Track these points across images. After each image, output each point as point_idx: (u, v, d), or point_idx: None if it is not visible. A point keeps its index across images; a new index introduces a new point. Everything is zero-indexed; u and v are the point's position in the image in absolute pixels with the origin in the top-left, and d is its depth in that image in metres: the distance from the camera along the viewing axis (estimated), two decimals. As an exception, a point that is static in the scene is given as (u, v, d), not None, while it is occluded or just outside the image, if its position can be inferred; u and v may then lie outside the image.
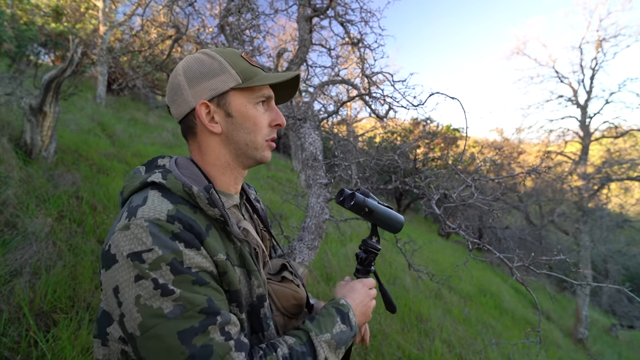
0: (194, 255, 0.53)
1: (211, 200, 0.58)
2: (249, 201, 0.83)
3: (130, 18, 8.34)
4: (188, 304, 0.51)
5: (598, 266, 11.26)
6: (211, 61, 0.65)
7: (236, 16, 2.18)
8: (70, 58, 3.35)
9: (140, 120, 8.40)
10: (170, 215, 0.54)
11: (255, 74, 0.67)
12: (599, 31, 9.45)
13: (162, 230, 0.53)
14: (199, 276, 0.53)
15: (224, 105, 0.65)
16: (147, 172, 0.66)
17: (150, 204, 0.56)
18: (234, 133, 0.67)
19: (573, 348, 6.72)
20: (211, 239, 0.57)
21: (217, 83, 0.64)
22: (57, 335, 1.60)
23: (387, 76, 2.43)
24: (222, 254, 0.58)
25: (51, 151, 3.54)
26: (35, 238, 2.19)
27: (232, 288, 0.59)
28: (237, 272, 0.61)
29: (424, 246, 7.67)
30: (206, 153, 0.68)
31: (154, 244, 0.51)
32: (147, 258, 0.50)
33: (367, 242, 0.80)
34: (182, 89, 0.65)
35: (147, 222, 0.53)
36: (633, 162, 8.18)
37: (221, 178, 0.70)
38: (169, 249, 0.51)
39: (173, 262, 0.51)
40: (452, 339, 3.63)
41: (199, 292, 0.53)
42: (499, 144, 13.46)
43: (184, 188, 0.59)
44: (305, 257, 2.28)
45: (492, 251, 1.45)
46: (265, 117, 0.69)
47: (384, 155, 2.21)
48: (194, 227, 0.55)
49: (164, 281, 0.50)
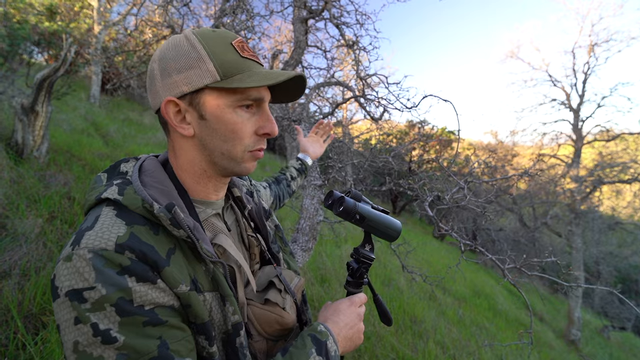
0: (147, 290, 0.46)
1: (174, 220, 0.50)
2: (239, 200, 0.72)
3: (125, 18, 8.29)
4: (134, 353, 0.43)
5: (590, 268, 11.39)
6: (188, 48, 0.53)
7: (231, 17, 2.18)
8: (63, 57, 3.32)
9: (135, 121, 8.34)
10: (120, 244, 0.46)
11: (243, 69, 0.54)
12: (591, 36, 9.60)
13: (107, 263, 0.45)
14: (154, 314, 0.46)
15: (196, 105, 0.54)
16: (109, 179, 0.57)
17: (98, 229, 0.47)
18: (208, 139, 0.56)
19: (565, 349, 6.77)
20: (172, 266, 0.49)
21: (189, 77, 0.53)
22: (45, 338, 1.58)
23: (382, 78, 2.44)
24: (184, 284, 0.50)
25: (43, 151, 3.50)
26: (25, 239, 2.16)
27: (198, 321, 0.51)
28: (207, 298, 0.53)
29: (419, 248, 7.70)
30: (179, 156, 0.59)
31: (97, 280, 0.43)
32: (89, 297, 0.43)
33: (359, 251, 0.71)
34: (155, 79, 0.56)
35: (90, 252, 0.45)
36: (624, 165, 8.30)
37: (196, 187, 0.60)
38: (115, 286, 0.44)
39: (119, 302, 0.44)
40: (446, 340, 3.64)
41: (151, 335, 0.45)
42: (493, 146, 13.58)
43: (144, 204, 0.50)
44: (299, 259, 2.27)
45: (484, 253, 1.46)
46: (250, 124, 0.57)
47: (378, 157, 2.21)
48: (149, 255, 0.47)
49: (107, 325, 0.43)
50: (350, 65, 3.35)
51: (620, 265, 12.35)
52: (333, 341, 0.62)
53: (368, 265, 0.72)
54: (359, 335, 0.70)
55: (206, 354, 0.52)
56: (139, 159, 0.61)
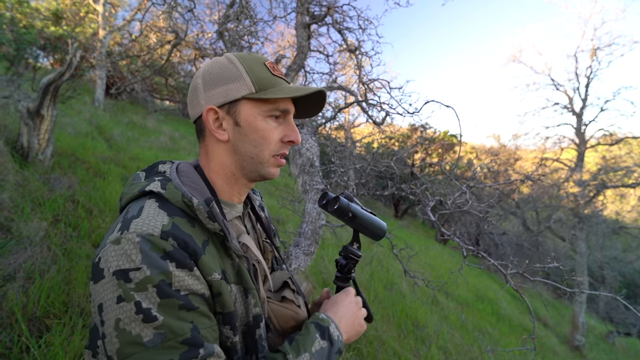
0: (184, 276, 0.51)
1: (211, 214, 0.56)
2: (253, 209, 0.80)
3: (129, 23, 8.38)
4: (170, 333, 0.48)
5: (594, 273, 11.29)
6: (230, 66, 0.63)
7: (235, 23, 2.20)
8: (69, 62, 3.36)
9: (139, 124, 8.41)
10: (165, 231, 0.52)
11: (274, 84, 0.63)
12: (593, 40, 9.59)
13: (153, 247, 0.50)
14: (188, 300, 0.50)
15: (233, 113, 0.62)
16: (147, 178, 0.64)
17: (145, 217, 0.53)
18: (240, 144, 0.63)
19: (570, 355, 6.70)
20: (207, 256, 0.55)
21: (229, 89, 0.62)
22: (49, 341, 1.59)
23: (384, 83, 2.45)
24: (217, 272, 0.55)
25: (48, 154, 3.53)
26: (29, 242, 2.17)
27: (225, 310, 0.56)
28: (234, 289, 0.59)
29: (422, 252, 7.67)
30: (212, 160, 0.66)
31: (142, 262, 0.48)
32: (134, 277, 0.48)
33: (347, 249, 0.77)
34: (198, 91, 0.64)
35: (139, 237, 0.50)
36: (628, 169, 8.25)
37: (225, 187, 0.67)
38: (158, 269, 0.48)
39: (161, 283, 0.48)
40: (449, 345, 3.61)
41: (185, 318, 0.50)
42: (496, 150, 13.54)
43: (184, 199, 0.56)
44: (302, 262, 2.27)
45: (486, 258, 1.46)
46: (278, 132, 0.65)
47: (380, 161, 2.22)
48: (189, 244, 0.53)
49: (148, 305, 0.47)
50: (352, 69, 3.37)
51: (624, 270, 12.22)
52: (335, 327, 0.66)
53: (355, 262, 0.78)
54: (360, 322, 0.74)
55: (230, 344, 0.57)
56: (174, 163, 0.69)
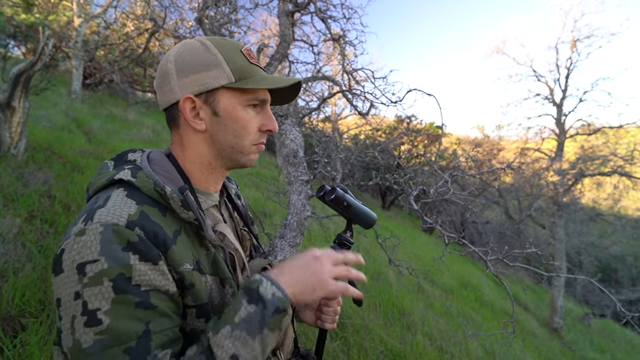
0: (147, 270, 0.47)
1: (185, 202, 0.54)
2: (230, 198, 0.79)
3: (106, 10, 8.04)
4: (113, 340, 0.44)
5: (572, 258, 11.77)
6: (205, 52, 0.59)
7: (214, 9, 2.13)
8: (40, 51, 3.20)
9: (119, 117, 8.14)
10: (131, 221, 0.49)
11: (252, 73, 0.61)
12: (573, 32, 9.79)
13: (116, 238, 0.47)
14: (147, 297, 0.47)
15: (211, 102, 0.60)
16: (116, 167, 0.61)
17: (110, 206, 0.50)
18: (219, 134, 0.61)
19: (549, 337, 6.99)
20: (178, 246, 0.53)
21: (207, 78, 0.59)
22: (25, 341, 1.54)
23: (368, 73, 2.43)
24: (189, 263, 0.53)
25: (21, 148, 3.38)
26: (2, 239, 2.09)
27: (199, 302, 0.54)
28: (209, 280, 0.57)
29: (408, 242, 7.79)
30: (187, 149, 0.63)
31: (101, 254, 0.45)
32: (89, 270, 0.45)
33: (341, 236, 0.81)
34: (170, 77, 0.60)
35: (102, 226, 0.47)
36: (605, 158, 8.55)
37: (200, 177, 0.65)
38: (117, 261, 0.46)
39: (118, 277, 0.45)
40: (434, 331, 3.70)
41: (140, 317, 0.46)
42: (480, 141, 13.79)
43: (156, 187, 0.54)
44: (287, 254, 2.27)
45: (467, 245, 1.48)
46: (256, 121, 0.63)
47: (364, 152, 2.22)
48: (159, 234, 0.50)
49: (96, 305, 0.44)
50: (337, 60, 3.34)
51: (600, 255, 12.79)
52: (270, 284, 0.53)
53: (348, 248, 0.81)
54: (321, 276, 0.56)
55: None
56: (144, 151, 0.66)
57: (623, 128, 9.02)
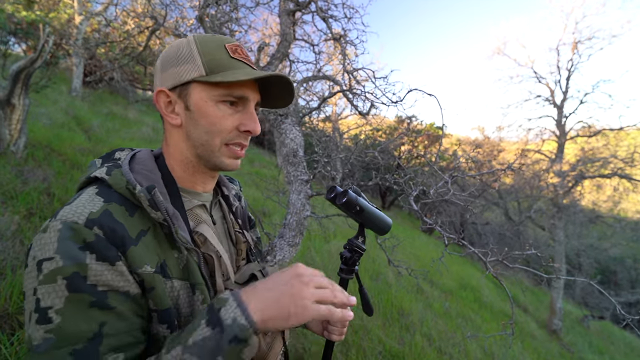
0: (103, 270, 0.46)
1: (152, 201, 0.52)
2: (226, 199, 0.75)
3: (107, 8, 8.03)
4: (61, 340, 0.43)
5: (572, 260, 11.76)
6: (185, 47, 0.59)
7: (215, 7, 2.12)
8: (40, 48, 3.19)
9: (119, 115, 8.13)
10: (91, 219, 0.48)
11: (229, 68, 0.58)
12: (574, 33, 9.78)
13: (73, 236, 0.46)
14: (103, 297, 0.46)
15: (184, 96, 0.59)
16: (103, 165, 0.61)
17: (75, 204, 0.50)
18: (192, 129, 0.60)
19: (547, 339, 6.99)
20: (140, 247, 0.50)
21: (181, 71, 0.58)
22: (22, 339, 1.53)
23: (369, 73, 2.42)
24: (149, 265, 0.51)
25: (20, 146, 3.38)
26: (0, 237, 2.08)
27: (160, 307, 0.51)
28: (176, 285, 0.54)
29: (407, 242, 7.79)
30: (170, 144, 0.63)
31: (57, 251, 0.45)
32: (45, 268, 0.44)
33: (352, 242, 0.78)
34: (156, 72, 0.62)
35: (61, 224, 0.47)
36: (605, 160, 8.54)
37: (184, 175, 0.64)
38: (72, 259, 0.45)
39: (73, 276, 0.44)
40: (433, 332, 3.70)
41: (94, 318, 0.45)
42: (480, 142, 13.78)
43: (127, 186, 0.53)
44: (286, 254, 2.26)
45: (467, 246, 1.48)
46: (232, 119, 0.60)
47: (364, 152, 2.21)
48: (117, 233, 0.48)
49: (48, 304, 0.43)
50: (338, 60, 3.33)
51: (600, 257, 12.77)
52: (235, 306, 0.46)
53: (360, 255, 0.78)
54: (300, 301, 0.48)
55: None
56: (133, 150, 0.65)
57: (623, 130, 9.01)
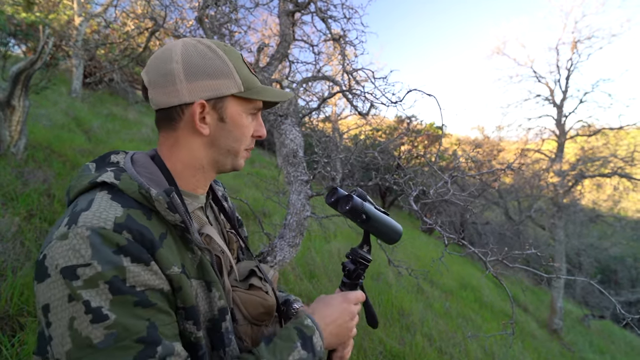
0: (140, 271, 0.48)
1: (171, 204, 0.53)
2: (216, 199, 0.78)
3: (107, 9, 8.03)
4: (123, 332, 0.45)
5: (572, 259, 11.75)
6: (216, 59, 0.60)
7: (214, 8, 2.13)
8: (40, 49, 3.19)
9: (119, 116, 8.14)
10: (118, 224, 0.48)
11: (255, 83, 0.65)
12: (574, 33, 9.78)
13: (105, 241, 0.46)
14: (144, 296, 0.48)
15: (219, 109, 0.62)
16: (98, 169, 0.60)
17: (95, 209, 0.49)
18: (221, 138, 0.63)
19: (548, 338, 6.99)
20: (165, 249, 0.52)
21: (219, 85, 0.60)
22: (23, 340, 1.53)
23: (368, 73, 2.43)
24: (176, 266, 0.53)
25: (20, 147, 3.38)
26: (1, 238, 2.08)
27: (187, 305, 0.54)
28: (194, 284, 0.56)
29: (408, 242, 7.79)
30: (182, 150, 0.63)
31: (93, 257, 0.45)
32: (83, 274, 0.44)
33: (356, 252, 0.70)
34: (177, 79, 0.58)
35: (89, 230, 0.46)
36: (605, 159, 8.54)
37: (190, 179, 0.65)
38: (110, 264, 0.45)
39: (113, 280, 0.45)
40: (433, 332, 3.70)
41: (141, 316, 0.47)
42: (480, 141, 13.78)
43: (140, 190, 0.53)
44: (286, 254, 2.26)
45: (467, 245, 1.48)
46: (251, 127, 0.67)
47: (364, 152, 2.21)
48: (146, 236, 0.50)
49: (98, 304, 0.44)
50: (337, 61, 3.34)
51: (600, 257, 12.77)
52: (319, 336, 0.62)
53: (365, 267, 0.70)
54: (347, 334, 0.69)
55: (193, 339, 0.55)
56: (128, 153, 0.66)
57: (623, 129, 9.01)
